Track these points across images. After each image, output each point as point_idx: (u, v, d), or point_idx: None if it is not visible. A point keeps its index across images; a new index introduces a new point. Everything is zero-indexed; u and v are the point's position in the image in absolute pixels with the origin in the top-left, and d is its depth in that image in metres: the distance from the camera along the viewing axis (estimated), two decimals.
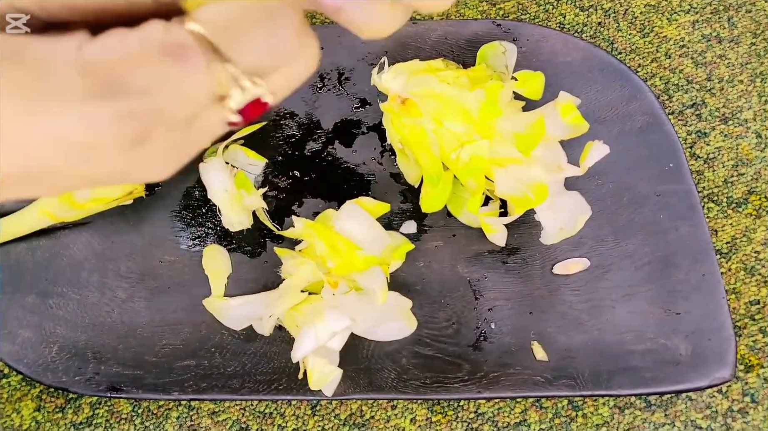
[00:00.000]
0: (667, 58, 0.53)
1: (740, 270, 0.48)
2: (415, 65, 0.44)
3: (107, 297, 0.45)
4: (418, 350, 0.44)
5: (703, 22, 0.54)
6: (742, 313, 0.47)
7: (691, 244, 0.45)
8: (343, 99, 0.50)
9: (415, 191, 0.47)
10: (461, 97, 0.41)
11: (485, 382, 0.43)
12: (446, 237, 0.47)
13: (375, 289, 0.42)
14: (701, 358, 0.43)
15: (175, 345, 0.44)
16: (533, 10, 0.54)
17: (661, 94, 0.52)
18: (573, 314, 0.44)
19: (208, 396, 0.43)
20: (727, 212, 0.49)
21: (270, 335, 0.44)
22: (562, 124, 0.42)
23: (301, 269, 0.43)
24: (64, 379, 0.43)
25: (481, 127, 0.41)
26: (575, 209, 0.44)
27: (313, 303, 0.42)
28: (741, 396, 0.45)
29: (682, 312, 0.44)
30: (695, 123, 0.51)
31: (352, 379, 0.43)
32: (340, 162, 0.49)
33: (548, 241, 0.45)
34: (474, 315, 0.45)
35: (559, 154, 0.43)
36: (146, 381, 0.43)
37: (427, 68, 0.44)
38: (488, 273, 0.46)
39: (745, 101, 0.52)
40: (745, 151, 0.50)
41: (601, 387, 0.42)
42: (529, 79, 0.43)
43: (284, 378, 0.43)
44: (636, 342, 0.43)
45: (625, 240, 0.46)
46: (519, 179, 0.42)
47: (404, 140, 0.44)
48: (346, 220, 0.44)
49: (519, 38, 0.49)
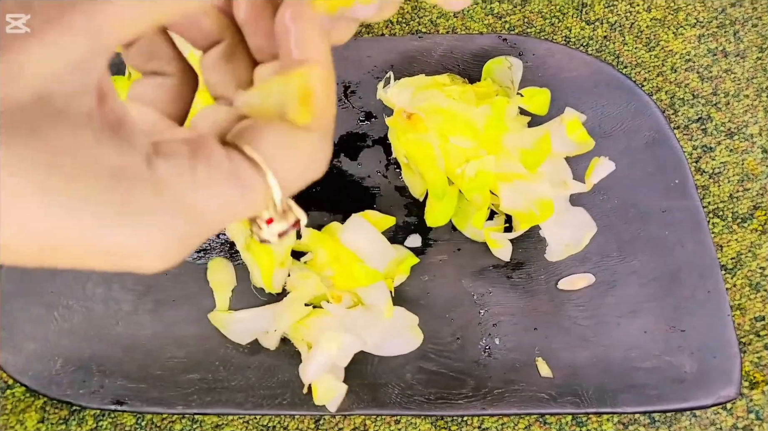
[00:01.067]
0: (673, 72, 0.53)
1: (745, 286, 0.48)
2: (420, 80, 0.44)
3: (112, 309, 0.45)
4: (423, 365, 0.44)
5: (709, 36, 0.54)
6: (747, 329, 0.47)
7: (697, 261, 0.45)
8: (349, 112, 0.50)
9: (420, 205, 0.47)
10: (467, 113, 0.41)
11: (489, 398, 0.43)
12: (451, 252, 0.47)
13: (379, 305, 0.42)
14: (706, 376, 0.43)
15: (180, 358, 0.44)
16: (539, 23, 0.54)
17: (666, 109, 0.52)
18: (578, 330, 0.44)
19: (211, 410, 0.43)
20: (732, 227, 0.49)
21: (275, 348, 0.44)
22: (568, 140, 0.42)
23: (305, 282, 0.43)
24: (68, 392, 0.43)
25: (487, 142, 0.41)
26: (580, 226, 0.44)
27: (320, 317, 0.42)
28: (746, 413, 0.45)
29: (687, 329, 0.44)
30: (701, 137, 0.51)
31: (356, 394, 0.43)
32: (345, 175, 0.49)
33: (553, 258, 0.45)
34: (478, 331, 0.45)
35: (564, 171, 0.43)
36: (150, 395, 0.43)
37: (433, 83, 0.44)
38: (493, 288, 0.46)
39: (751, 116, 0.52)
40: (750, 166, 0.50)
41: (605, 404, 0.42)
42: (534, 94, 0.43)
43: (288, 392, 0.43)
44: (641, 359, 0.43)
45: (630, 256, 0.45)
46: (524, 195, 0.42)
47: (409, 155, 0.44)
48: (352, 233, 0.44)
49: (525, 53, 0.49)
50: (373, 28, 0.54)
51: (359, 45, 0.51)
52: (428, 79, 0.44)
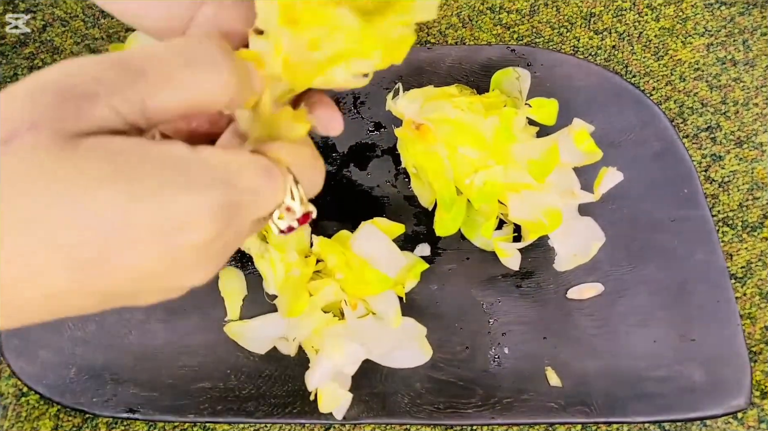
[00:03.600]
0: (682, 81, 0.53)
1: (755, 295, 0.48)
2: (429, 91, 0.44)
3: (125, 318, 0.46)
4: (432, 374, 0.44)
5: (717, 45, 0.54)
6: (757, 338, 0.47)
7: (707, 271, 0.45)
8: (359, 122, 0.50)
9: (429, 214, 0.48)
10: (476, 123, 0.42)
11: (499, 408, 0.43)
12: (460, 261, 0.47)
13: (388, 313, 0.42)
14: (717, 386, 0.42)
15: (192, 366, 0.45)
16: (547, 33, 0.55)
17: (675, 117, 0.52)
18: (587, 339, 0.44)
19: (223, 419, 0.43)
20: (742, 236, 0.49)
21: (287, 356, 0.44)
22: (576, 151, 0.42)
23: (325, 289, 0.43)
24: (82, 400, 0.44)
25: (496, 153, 0.42)
26: (589, 235, 0.44)
27: (331, 326, 0.43)
28: (757, 422, 0.45)
29: (697, 338, 0.44)
30: (710, 146, 0.51)
31: (365, 403, 0.43)
32: (354, 184, 0.49)
33: (561, 268, 0.45)
34: (488, 340, 0.45)
35: (572, 181, 0.43)
36: (162, 403, 0.44)
37: (442, 94, 0.44)
38: (502, 297, 0.46)
39: (761, 124, 0.52)
40: (760, 175, 0.50)
41: (615, 414, 0.42)
42: (543, 105, 0.44)
43: (298, 401, 0.43)
44: (651, 369, 0.43)
45: (640, 265, 0.45)
46: (533, 205, 0.42)
47: (418, 165, 0.45)
48: (364, 241, 0.45)
49: (533, 63, 0.49)
50: None
51: None
52: (437, 90, 0.44)
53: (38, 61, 0.52)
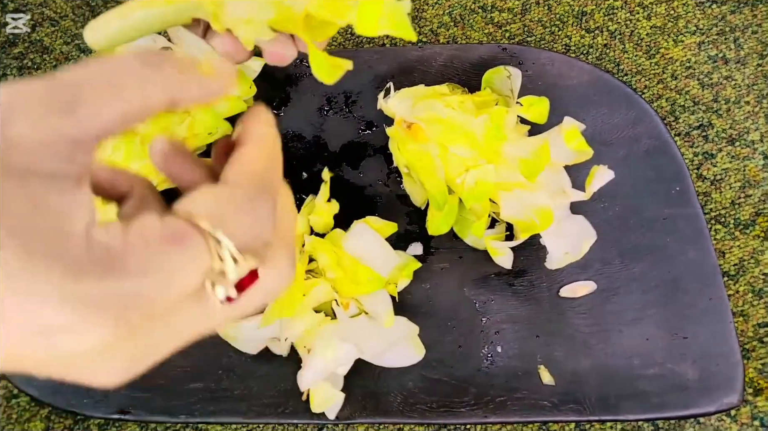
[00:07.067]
0: (674, 79, 0.53)
1: (748, 292, 0.48)
2: (420, 90, 0.44)
3: None
4: (425, 373, 0.44)
5: (709, 43, 0.54)
6: (750, 336, 0.47)
7: (699, 269, 0.45)
8: (350, 121, 0.50)
9: (422, 213, 0.48)
10: (467, 122, 0.42)
11: (492, 406, 0.43)
12: (453, 259, 0.47)
13: (381, 313, 0.42)
14: (709, 383, 0.42)
15: (184, 367, 0.45)
16: (539, 32, 0.55)
17: (667, 116, 0.52)
18: (580, 338, 0.44)
19: (215, 419, 0.43)
20: (734, 234, 0.49)
21: (279, 356, 0.44)
22: (567, 149, 0.42)
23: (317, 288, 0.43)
24: (73, 401, 0.44)
25: (487, 151, 0.42)
26: (580, 234, 0.44)
27: (323, 326, 0.42)
28: (750, 419, 0.45)
29: (689, 336, 0.44)
30: (702, 144, 0.51)
31: (358, 403, 0.43)
32: (346, 184, 0.49)
33: (553, 266, 0.45)
34: (480, 339, 0.45)
35: (563, 180, 0.43)
36: (154, 404, 0.43)
37: (433, 93, 0.44)
38: (494, 296, 0.46)
39: (752, 122, 0.52)
40: (752, 173, 0.50)
41: (608, 411, 0.42)
42: (534, 103, 0.43)
43: (291, 401, 0.43)
44: (644, 367, 0.43)
45: (632, 263, 0.46)
46: (524, 204, 0.42)
47: (410, 164, 0.44)
48: (356, 240, 0.44)
49: (524, 62, 0.49)
50: (373, 38, 0.54)
51: (360, 55, 0.51)
52: (428, 89, 0.44)
53: (28, 61, 0.52)
